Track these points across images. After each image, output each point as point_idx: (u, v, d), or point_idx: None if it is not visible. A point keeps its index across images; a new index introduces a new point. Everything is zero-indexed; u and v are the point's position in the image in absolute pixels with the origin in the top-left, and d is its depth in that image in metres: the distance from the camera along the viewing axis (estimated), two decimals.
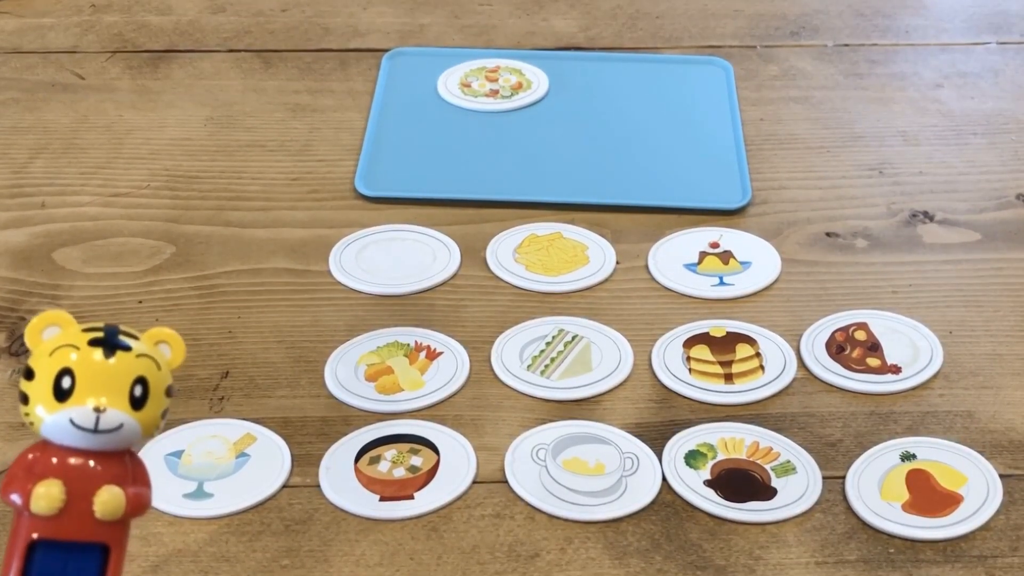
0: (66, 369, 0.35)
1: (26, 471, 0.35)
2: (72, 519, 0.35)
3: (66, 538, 0.35)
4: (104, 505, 0.35)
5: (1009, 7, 1.05)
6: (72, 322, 0.36)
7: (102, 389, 0.35)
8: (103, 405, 0.35)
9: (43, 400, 0.35)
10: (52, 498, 0.34)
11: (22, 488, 0.34)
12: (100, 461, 0.35)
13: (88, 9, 1.04)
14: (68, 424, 0.35)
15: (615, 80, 0.96)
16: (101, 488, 0.35)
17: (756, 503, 0.63)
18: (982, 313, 0.75)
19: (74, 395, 0.35)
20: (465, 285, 0.77)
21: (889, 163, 0.87)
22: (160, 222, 0.81)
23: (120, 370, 0.36)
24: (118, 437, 0.35)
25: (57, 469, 0.34)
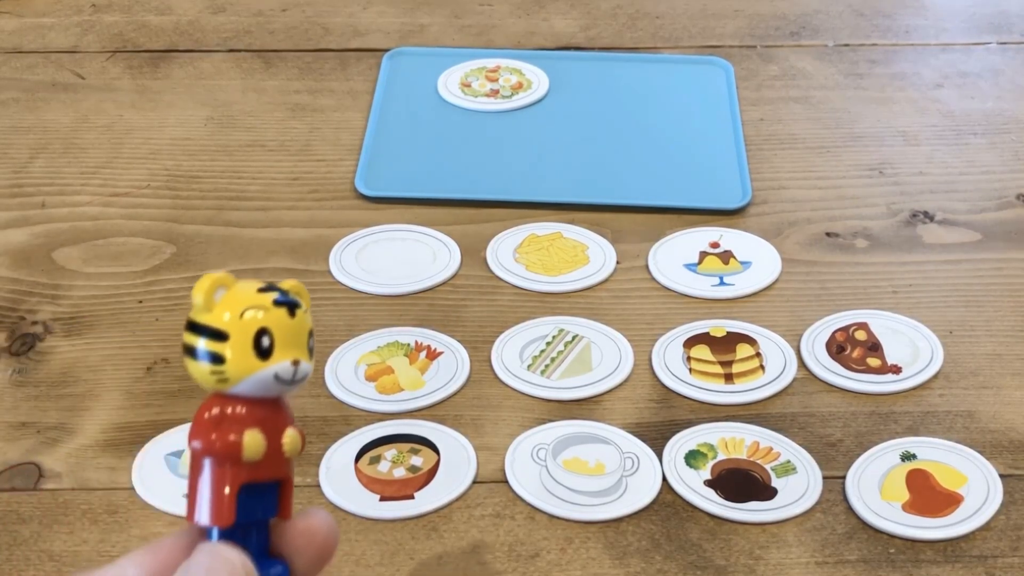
0: (263, 329, 0.38)
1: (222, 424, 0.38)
2: (267, 461, 0.39)
3: (263, 479, 0.39)
4: (291, 445, 0.39)
5: (1009, 7, 1.05)
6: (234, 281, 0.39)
7: (295, 345, 0.39)
8: (299, 358, 0.39)
9: (244, 359, 0.38)
10: (261, 445, 0.38)
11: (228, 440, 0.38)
12: (280, 408, 0.39)
13: (88, 9, 1.04)
14: (271, 379, 0.38)
15: (615, 80, 0.96)
16: (285, 431, 0.39)
17: (756, 503, 0.63)
18: (982, 313, 0.75)
19: (275, 353, 0.38)
20: (465, 285, 0.77)
21: (889, 163, 0.87)
22: (160, 222, 0.81)
23: (300, 326, 0.39)
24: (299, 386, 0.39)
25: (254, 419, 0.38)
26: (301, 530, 0.41)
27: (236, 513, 0.38)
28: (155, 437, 0.66)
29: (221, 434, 0.38)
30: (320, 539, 0.41)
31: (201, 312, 0.38)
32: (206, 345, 0.38)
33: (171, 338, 0.73)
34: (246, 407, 0.38)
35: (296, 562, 0.40)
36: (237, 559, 0.38)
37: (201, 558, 0.38)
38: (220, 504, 0.38)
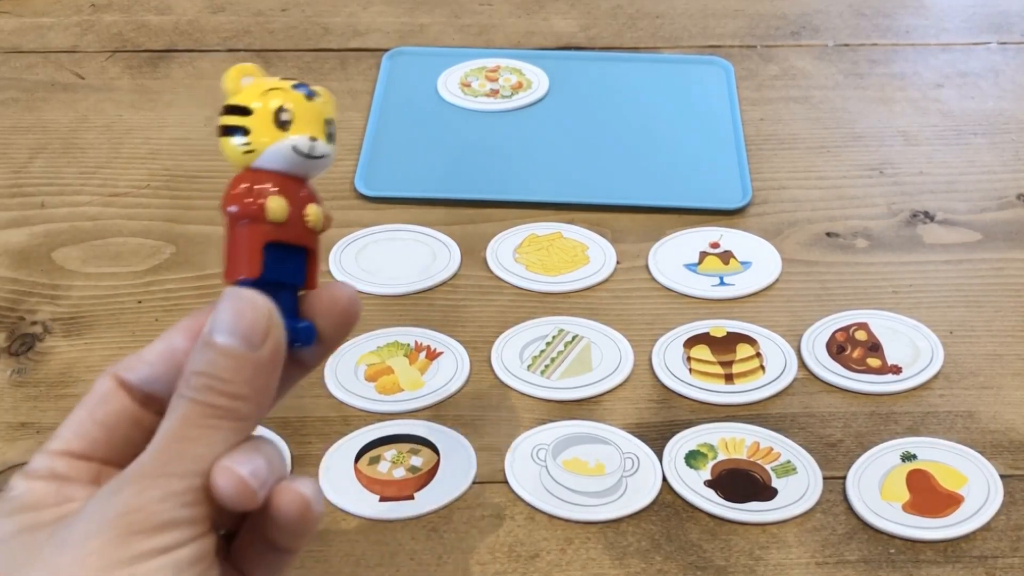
0: (283, 106, 0.43)
1: (249, 191, 0.42)
2: (291, 226, 0.42)
3: (287, 240, 0.42)
4: (314, 216, 0.43)
5: (1009, 7, 1.05)
6: (261, 72, 0.44)
7: (312, 123, 0.43)
8: (316, 136, 0.43)
9: (265, 130, 0.42)
10: (283, 208, 0.42)
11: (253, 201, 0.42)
12: (303, 184, 0.43)
13: (88, 9, 1.04)
14: (289, 150, 0.42)
15: (615, 80, 0.95)
16: (308, 204, 0.43)
17: (756, 503, 0.63)
18: (983, 313, 0.75)
19: (293, 126, 0.42)
20: (465, 285, 0.77)
21: (889, 163, 0.87)
22: (160, 222, 0.81)
23: (318, 110, 0.43)
24: (319, 164, 0.43)
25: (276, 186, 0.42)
26: (325, 297, 0.44)
27: (263, 267, 0.42)
28: None
29: (246, 197, 0.42)
30: (343, 304, 0.44)
31: (230, 95, 0.43)
32: (233, 120, 0.43)
33: None
34: (270, 177, 0.42)
35: (322, 325, 0.43)
36: (259, 298, 0.41)
37: (225, 302, 0.41)
38: (247, 258, 0.42)
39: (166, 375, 0.43)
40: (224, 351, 0.40)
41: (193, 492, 0.39)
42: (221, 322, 0.41)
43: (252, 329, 0.40)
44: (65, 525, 0.39)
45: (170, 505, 0.39)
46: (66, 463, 0.42)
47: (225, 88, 0.44)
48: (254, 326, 0.40)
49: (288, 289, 0.43)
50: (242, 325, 0.40)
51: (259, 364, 0.41)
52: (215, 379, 0.40)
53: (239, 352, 0.40)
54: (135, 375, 0.43)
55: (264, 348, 0.41)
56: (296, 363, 0.44)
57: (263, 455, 0.41)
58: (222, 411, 0.40)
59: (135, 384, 0.43)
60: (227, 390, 0.40)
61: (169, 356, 0.43)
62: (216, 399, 0.40)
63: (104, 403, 0.43)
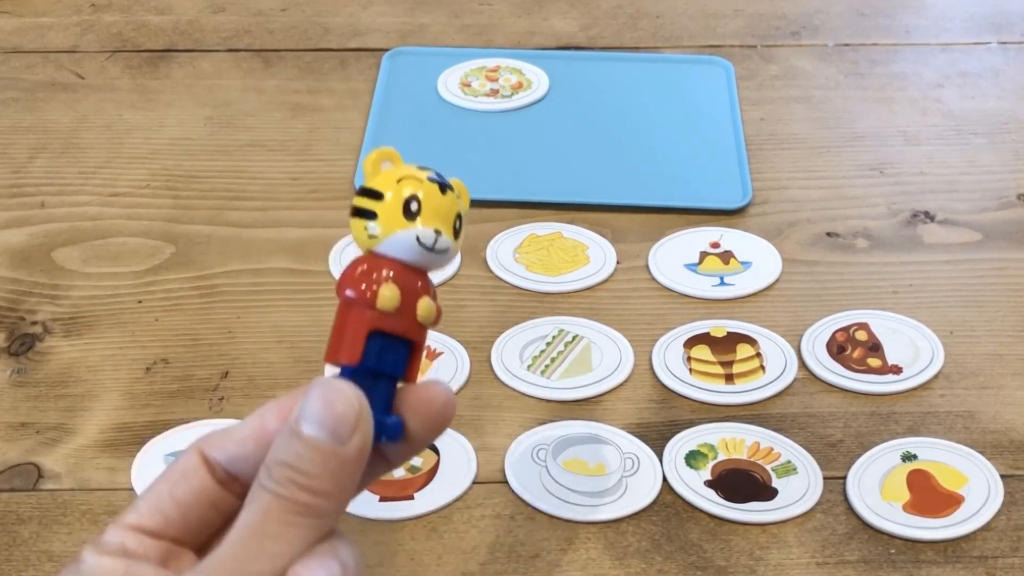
0: (414, 195, 0.42)
1: (365, 275, 0.42)
2: (400, 317, 0.42)
3: (393, 331, 0.42)
4: (425, 311, 0.42)
5: (1009, 7, 1.05)
6: (401, 159, 0.44)
7: (440, 217, 0.43)
8: (441, 230, 0.43)
9: (392, 218, 0.42)
10: (395, 298, 0.42)
11: (366, 287, 0.42)
12: (421, 276, 0.43)
13: (88, 9, 1.04)
14: (412, 240, 0.42)
15: (615, 80, 0.95)
16: (421, 297, 0.42)
17: (757, 503, 0.63)
18: (983, 313, 0.75)
19: (420, 217, 0.42)
20: (465, 285, 0.77)
21: (890, 163, 0.87)
22: (160, 222, 0.81)
23: (449, 204, 0.43)
24: (440, 259, 0.43)
25: (393, 277, 0.42)
26: (421, 394, 0.43)
27: (364, 355, 0.41)
28: (154, 437, 0.66)
29: (360, 282, 0.42)
30: (437, 406, 0.42)
31: (368, 178, 0.43)
32: (363, 203, 0.43)
33: (171, 338, 0.73)
34: (388, 264, 0.42)
35: (411, 424, 0.42)
36: (350, 390, 0.40)
37: (315, 391, 0.40)
38: (350, 343, 0.42)
39: (254, 455, 0.41)
40: (310, 443, 0.39)
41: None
42: (309, 412, 0.39)
43: (341, 422, 0.39)
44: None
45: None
46: (138, 540, 0.41)
47: (364, 170, 0.43)
48: (343, 419, 0.39)
49: (386, 379, 0.42)
50: (330, 417, 0.39)
51: (344, 459, 0.39)
52: (299, 472, 0.39)
53: (326, 445, 0.39)
54: (222, 453, 0.42)
55: (351, 443, 0.39)
56: (380, 457, 0.43)
57: (340, 561, 0.39)
58: (303, 508, 0.39)
59: (220, 462, 0.42)
60: (311, 485, 0.39)
61: (259, 437, 0.42)
62: (299, 494, 0.39)
63: (185, 479, 0.41)
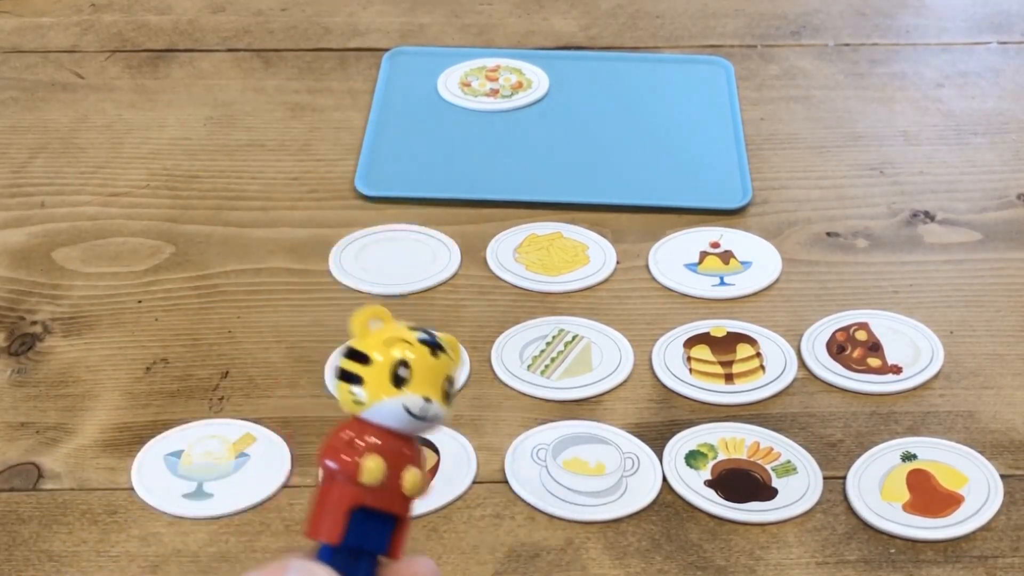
0: (403, 361, 0.40)
1: (348, 445, 0.40)
2: (384, 491, 0.40)
3: (377, 507, 0.40)
4: (412, 483, 0.40)
5: (1009, 7, 1.05)
6: (391, 317, 0.41)
7: (429, 383, 0.40)
8: (431, 397, 0.40)
9: (380, 384, 0.40)
10: (379, 471, 0.39)
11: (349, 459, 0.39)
12: (408, 444, 0.41)
13: (87, 8, 1.04)
14: (400, 409, 0.40)
15: (615, 80, 0.95)
16: (407, 468, 0.40)
17: (756, 503, 0.63)
18: (983, 313, 0.75)
19: (410, 384, 0.40)
20: (465, 285, 0.77)
21: (890, 163, 0.87)
22: (159, 222, 0.81)
23: (440, 368, 0.41)
24: (429, 426, 0.40)
25: (379, 447, 0.40)
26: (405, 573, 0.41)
27: (345, 534, 0.39)
28: (154, 437, 0.66)
29: (344, 453, 0.40)
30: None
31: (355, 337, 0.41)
32: (348, 366, 0.40)
33: (170, 338, 0.73)
34: (374, 433, 0.40)
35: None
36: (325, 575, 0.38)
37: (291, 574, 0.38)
38: (331, 520, 0.39)
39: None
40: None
41: None
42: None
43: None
44: None
45: None
46: None
47: (351, 329, 0.41)
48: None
49: (368, 556, 0.40)
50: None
51: None
52: None
53: None
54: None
55: None
56: None
57: None
58: None
59: None
60: None
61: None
62: None
63: None
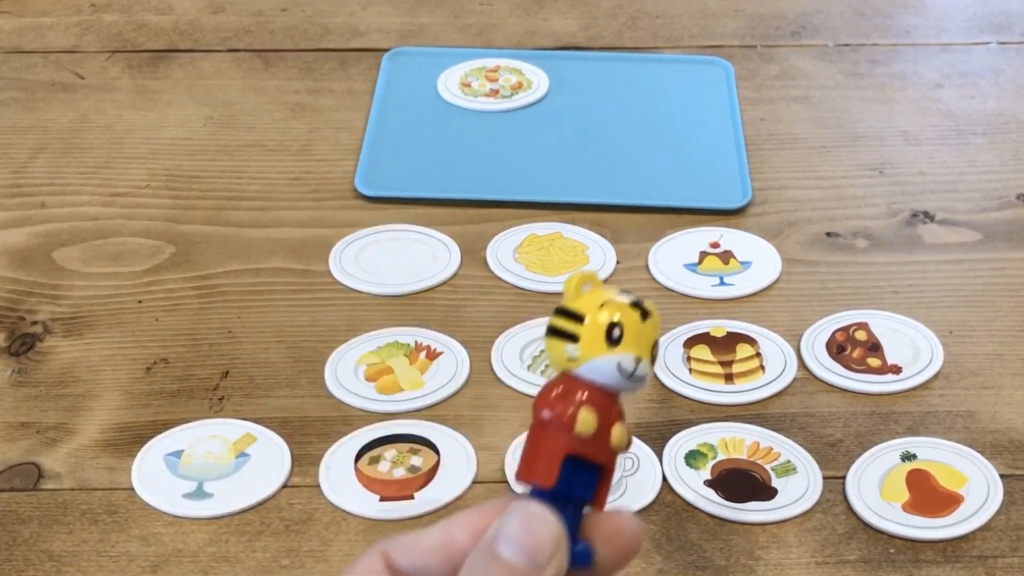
0: (617, 322, 0.41)
1: (564, 397, 0.41)
2: (594, 443, 0.41)
3: (588, 456, 0.41)
4: (618, 437, 0.42)
5: (1009, 7, 1.05)
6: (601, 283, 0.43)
7: (640, 344, 0.42)
8: (642, 356, 0.42)
9: (595, 343, 0.41)
10: (592, 423, 0.41)
11: (566, 410, 0.41)
12: (615, 401, 0.42)
13: (88, 9, 1.04)
14: (613, 367, 0.41)
15: (615, 80, 0.95)
16: (615, 423, 0.42)
17: (756, 503, 0.63)
18: (983, 313, 0.75)
19: (622, 344, 0.41)
20: (465, 285, 0.77)
21: (890, 163, 0.87)
22: (160, 222, 0.81)
23: (650, 332, 0.43)
24: (637, 385, 0.42)
25: (592, 401, 0.41)
26: (609, 524, 0.42)
27: (559, 479, 0.41)
28: (155, 437, 0.66)
29: (561, 405, 0.41)
30: (626, 536, 0.42)
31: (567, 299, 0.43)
32: (563, 324, 0.42)
33: (171, 338, 0.73)
34: (587, 389, 0.42)
35: (600, 551, 0.42)
36: (551, 517, 0.40)
37: (515, 513, 0.39)
38: (546, 465, 0.41)
39: (439, 568, 0.41)
40: (507, 565, 0.39)
41: None
42: (509, 534, 0.39)
43: (540, 549, 0.39)
44: None
45: None
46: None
47: (566, 291, 0.43)
48: (542, 546, 0.39)
49: (575, 504, 0.42)
50: (530, 542, 0.39)
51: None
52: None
53: (522, 570, 0.39)
54: (408, 561, 0.41)
55: (547, 571, 0.39)
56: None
57: None
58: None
59: (404, 570, 0.41)
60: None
61: (446, 549, 0.41)
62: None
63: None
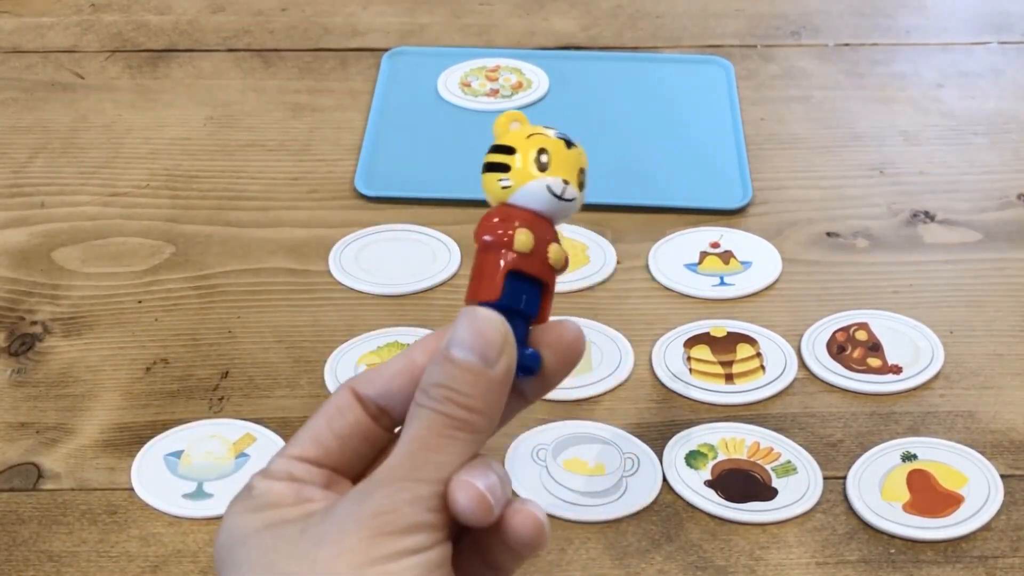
0: (544, 148, 0.46)
1: (502, 221, 0.45)
2: (533, 259, 0.45)
3: (528, 271, 0.45)
4: (556, 255, 0.45)
5: (1010, 7, 1.05)
6: (527, 120, 0.48)
7: (567, 169, 0.46)
8: (569, 179, 0.46)
9: (524, 170, 0.46)
10: (529, 240, 0.45)
11: (503, 231, 0.45)
12: (549, 224, 0.46)
13: (87, 8, 1.04)
14: (543, 190, 0.45)
15: (615, 80, 0.95)
16: (551, 243, 0.45)
17: (757, 503, 0.63)
18: (983, 313, 0.75)
19: (550, 169, 0.46)
20: (465, 285, 0.76)
21: (890, 163, 0.87)
22: (159, 222, 0.81)
23: (575, 158, 0.47)
24: (567, 207, 0.46)
25: (527, 221, 0.45)
26: (553, 331, 0.46)
27: (502, 293, 0.44)
28: (154, 437, 0.66)
29: (497, 228, 0.45)
30: (568, 339, 0.45)
31: (497, 137, 0.47)
32: (495, 158, 0.46)
33: (170, 338, 0.73)
34: (521, 213, 0.45)
35: (546, 357, 0.45)
36: (496, 317, 0.43)
37: (463, 319, 0.43)
38: (490, 281, 0.45)
39: (402, 390, 0.44)
40: (462, 365, 0.42)
41: (437, 498, 0.41)
42: (460, 339, 0.42)
43: (488, 346, 0.42)
44: (317, 521, 0.41)
45: (419, 509, 0.41)
46: (302, 467, 0.44)
47: (495, 130, 0.47)
48: (490, 343, 0.42)
49: (521, 318, 0.45)
50: (479, 342, 0.42)
51: (493, 380, 0.42)
52: (454, 392, 0.42)
53: (476, 367, 0.42)
54: (373, 389, 0.45)
55: (498, 365, 0.42)
56: (517, 394, 0.45)
57: (496, 473, 0.42)
58: (460, 423, 0.42)
59: (371, 397, 0.45)
60: (465, 403, 0.42)
61: (408, 372, 0.45)
62: (455, 411, 0.42)
63: (341, 414, 0.45)
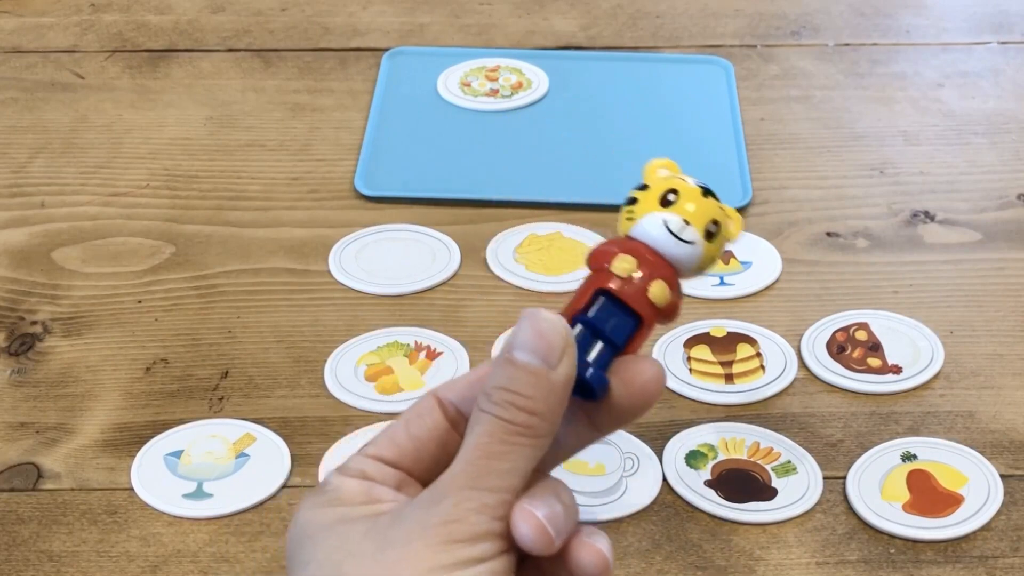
0: (674, 189, 0.46)
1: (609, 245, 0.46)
2: (631, 287, 0.44)
3: (620, 297, 0.44)
4: (657, 293, 0.45)
5: (1010, 7, 1.05)
6: (678, 169, 0.49)
7: (693, 212, 0.46)
8: (691, 221, 0.46)
9: (648, 203, 0.46)
10: (629, 267, 0.45)
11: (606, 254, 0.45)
12: (665, 264, 0.45)
13: (87, 8, 1.04)
14: (660, 224, 0.46)
15: (615, 80, 0.95)
16: (657, 279, 0.45)
17: (757, 503, 0.63)
18: (983, 313, 0.75)
19: (673, 207, 0.46)
20: (465, 285, 0.77)
21: (890, 163, 0.87)
22: (159, 222, 0.81)
23: (707, 207, 0.46)
24: (684, 249, 0.45)
25: (636, 252, 0.45)
26: (631, 365, 0.45)
27: (586, 306, 0.44)
28: (154, 437, 0.66)
29: (604, 251, 0.45)
30: (644, 377, 0.44)
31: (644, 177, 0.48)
32: (632, 193, 0.47)
33: (170, 338, 0.72)
34: (635, 244, 0.45)
35: (617, 391, 0.44)
36: (558, 320, 0.43)
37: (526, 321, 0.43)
38: (579, 295, 0.45)
39: None
40: (523, 367, 0.42)
41: (503, 507, 0.41)
42: (521, 341, 0.42)
43: (550, 349, 0.42)
44: (386, 524, 0.41)
45: (485, 518, 0.41)
46: (376, 467, 0.44)
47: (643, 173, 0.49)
48: (552, 346, 0.42)
49: (605, 342, 0.44)
50: (541, 344, 0.42)
51: (554, 383, 0.42)
52: (515, 394, 0.42)
53: (537, 369, 0.42)
54: (454, 394, 0.45)
55: (560, 369, 0.42)
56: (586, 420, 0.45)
57: (561, 501, 0.42)
58: (522, 427, 0.42)
59: (451, 402, 0.45)
60: (526, 406, 0.42)
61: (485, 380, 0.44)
62: (516, 415, 0.42)
63: (420, 418, 0.45)
